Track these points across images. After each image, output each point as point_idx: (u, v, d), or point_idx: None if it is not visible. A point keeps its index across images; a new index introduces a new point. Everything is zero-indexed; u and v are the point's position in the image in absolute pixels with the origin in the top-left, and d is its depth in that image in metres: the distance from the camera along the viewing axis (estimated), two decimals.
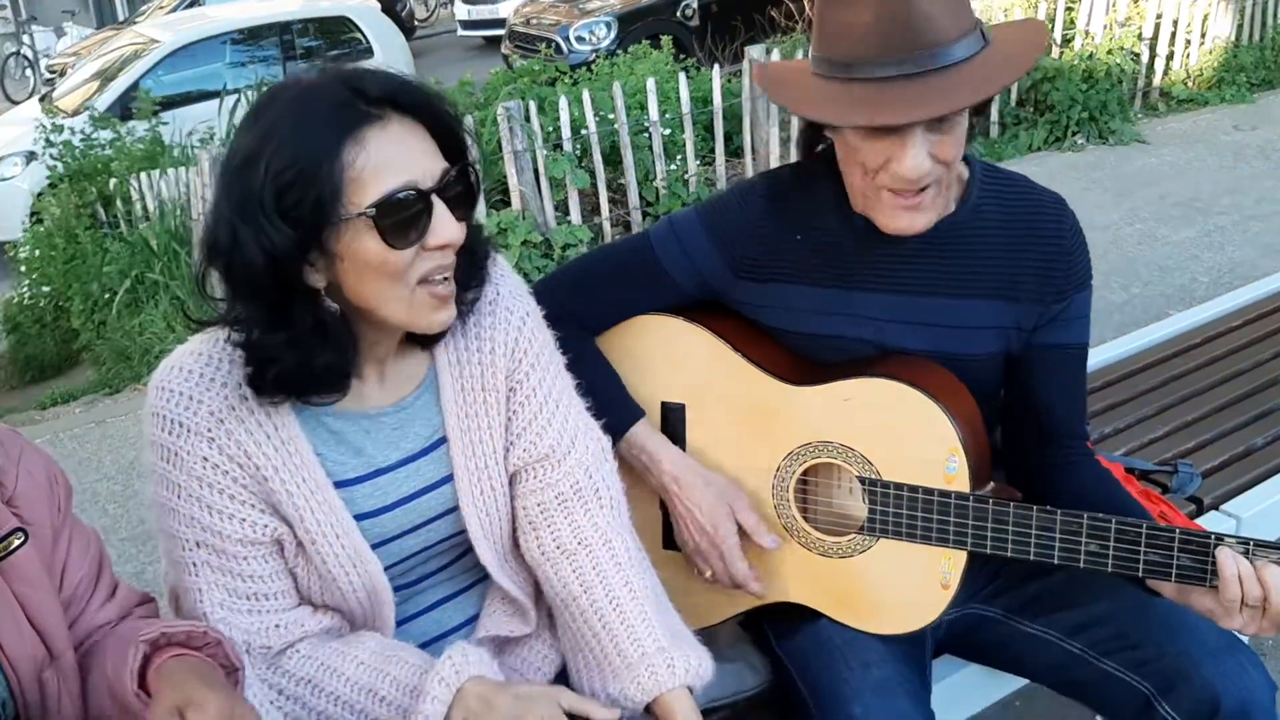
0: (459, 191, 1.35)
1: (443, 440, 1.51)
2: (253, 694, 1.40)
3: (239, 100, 7.08)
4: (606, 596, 1.53)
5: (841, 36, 1.50)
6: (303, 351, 1.32)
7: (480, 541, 1.54)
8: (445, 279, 1.36)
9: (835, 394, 1.65)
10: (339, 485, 1.43)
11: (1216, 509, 2.29)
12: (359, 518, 1.45)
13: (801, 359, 1.73)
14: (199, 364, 1.39)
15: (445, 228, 1.32)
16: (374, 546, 1.46)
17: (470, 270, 1.44)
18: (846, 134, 1.54)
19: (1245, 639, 1.70)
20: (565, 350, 1.66)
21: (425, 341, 1.48)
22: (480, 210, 5.69)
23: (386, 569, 1.48)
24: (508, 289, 1.55)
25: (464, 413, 1.51)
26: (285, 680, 1.43)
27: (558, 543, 1.56)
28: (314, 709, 1.43)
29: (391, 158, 1.28)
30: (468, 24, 15.33)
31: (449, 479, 1.51)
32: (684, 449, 1.76)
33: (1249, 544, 1.47)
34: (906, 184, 1.52)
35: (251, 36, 10.30)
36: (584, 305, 1.77)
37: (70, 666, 1.31)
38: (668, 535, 1.80)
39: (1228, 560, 1.46)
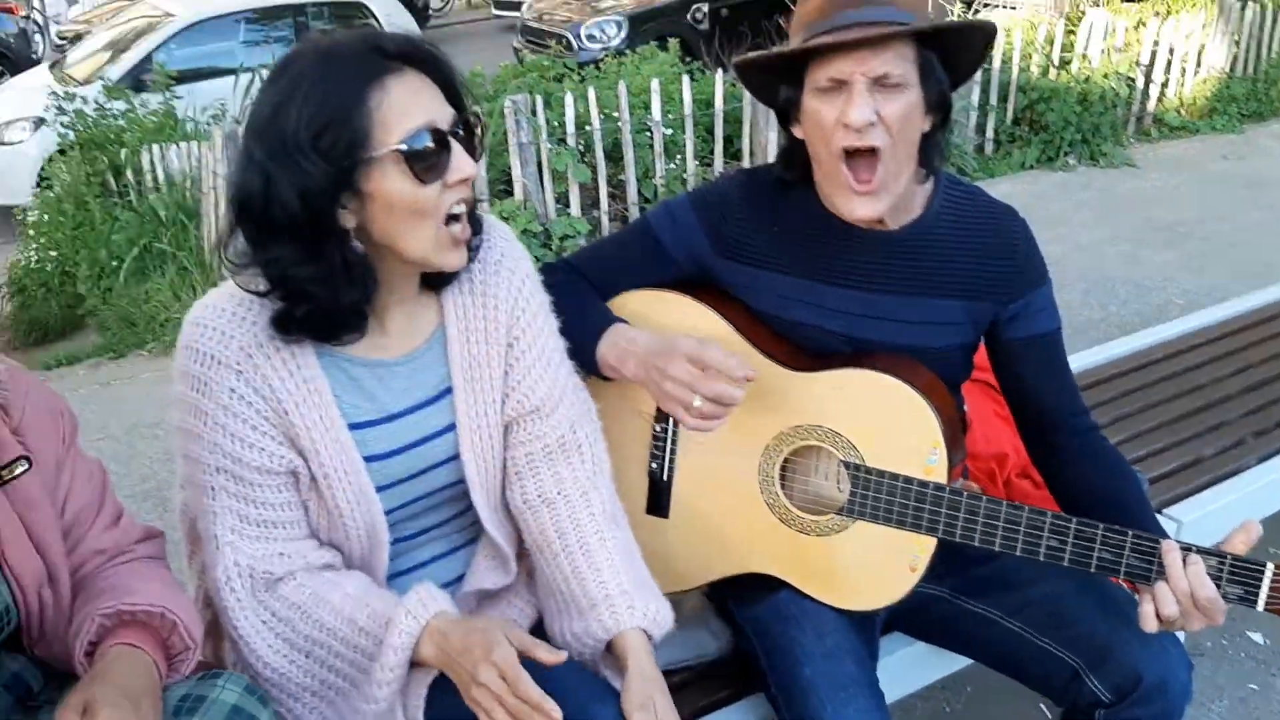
0: (466, 137, 1.49)
1: (448, 390, 1.63)
2: (247, 617, 1.53)
3: (253, 79, 7.18)
4: (579, 543, 1.67)
5: (805, 15, 1.70)
6: (330, 288, 1.44)
7: (476, 488, 1.66)
8: (463, 219, 1.49)
9: (829, 382, 1.78)
10: (353, 427, 1.55)
11: (1160, 513, 2.44)
12: (368, 459, 1.56)
13: (797, 347, 1.85)
14: (231, 303, 1.51)
15: (463, 163, 1.46)
16: (379, 489, 1.58)
17: (471, 216, 1.57)
18: (808, 102, 1.69)
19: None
20: (565, 287, 1.80)
21: (437, 285, 1.61)
22: (482, 194, 5.84)
23: (388, 513, 1.60)
24: (511, 251, 1.69)
25: (468, 364, 1.63)
26: (279, 604, 1.54)
27: (540, 492, 1.69)
28: (301, 632, 1.54)
29: (411, 102, 1.42)
30: (500, 4, 16.23)
31: (452, 427, 1.63)
32: (678, 419, 1.83)
33: (1191, 548, 1.63)
34: (856, 136, 1.65)
35: (265, 16, 10.37)
36: (593, 272, 1.92)
37: (65, 586, 1.40)
38: (651, 501, 1.92)
39: (1145, 606, 1.64)
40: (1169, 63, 8.37)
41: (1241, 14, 8.65)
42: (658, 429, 1.91)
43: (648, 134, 6.44)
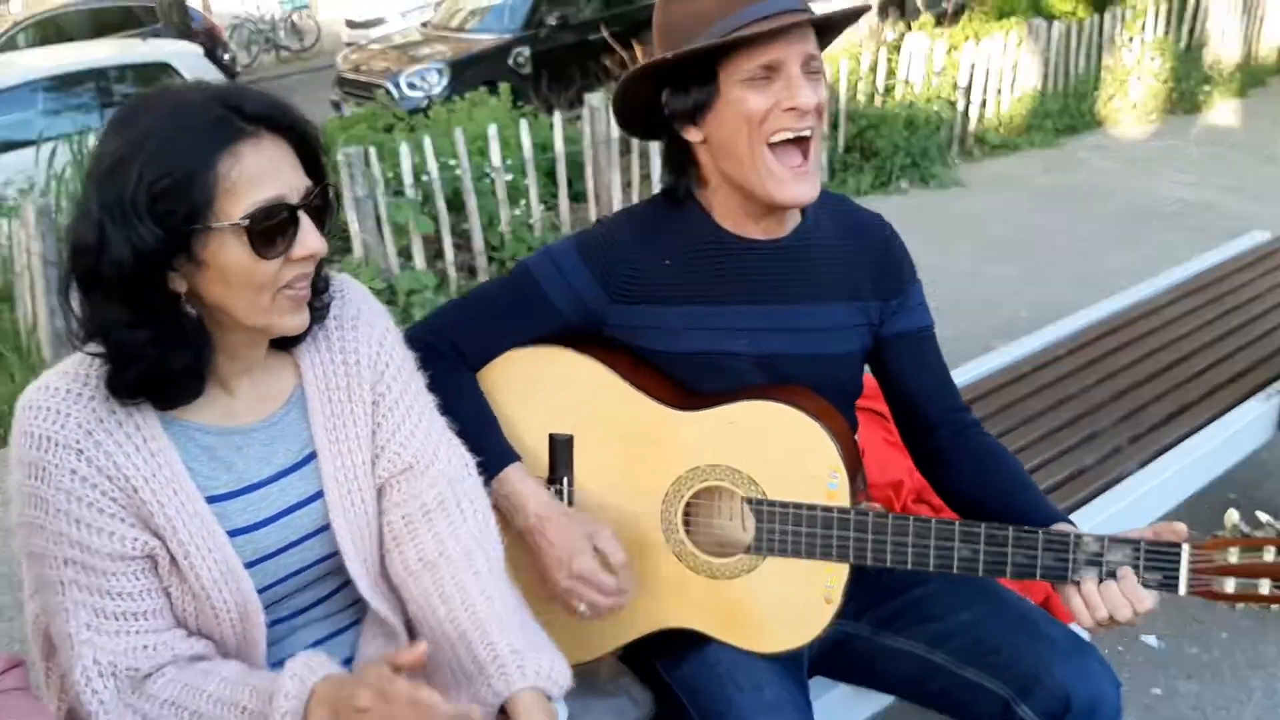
0: (320, 206, 1.42)
1: (312, 455, 1.53)
2: None
3: (55, 149, 6.80)
4: (463, 605, 1.54)
5: (703, 14, 1.66)
6: (162, 351, 1.35)
7: (352, 559, 1.55)
8: (304, 285, 1.42)
9: (720, 418, 1.72)
10: (211, 500, 1.44)
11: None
12: (232, 534, 1.45)
13: (687, 386, 1.78)
14: (65, 381, 1.40)
15: (310, 239, 1.38)
16: (249, 565, 1.46)
17: (319, 277, 1.50)
18: (733, 93, 1.65)
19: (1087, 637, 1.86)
20: (444, 386, 1.68)
21: (287, 345, 1.52)
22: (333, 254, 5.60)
23: (261, 591, 1.48)
24: (368, 307, 1.61)
25: (331, 425, 1.54)
26: (149, 705, 1.40)
27: (420, 555, 1.57)
28: None
29: (264, 172, 1.34)
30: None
31: (320, 495, 1.53)
32: (572, 479, 1.79)
33: (1104, 540, 1.59)
34: (799, 118, 1.64)
35: (65, 84, 9.86)
36: (468, 339, 1.80)
37: None
38: None
39: (1074, 601, 1.63)
40: (985, 83, 8.71)
41: (1049, 32, 9.07)
42: (551, 490, 1.80)
43: (488, 181, 6.32)
